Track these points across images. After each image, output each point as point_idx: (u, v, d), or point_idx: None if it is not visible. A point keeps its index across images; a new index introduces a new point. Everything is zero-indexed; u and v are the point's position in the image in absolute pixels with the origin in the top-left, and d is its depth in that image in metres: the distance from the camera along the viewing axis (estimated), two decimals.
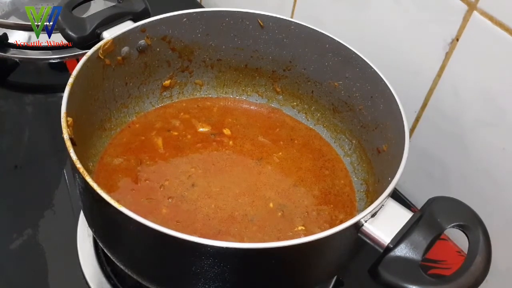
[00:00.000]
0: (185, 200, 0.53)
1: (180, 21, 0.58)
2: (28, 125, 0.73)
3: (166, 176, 0.55)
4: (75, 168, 0.41)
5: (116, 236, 0.45)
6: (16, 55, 0.78)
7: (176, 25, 0.58)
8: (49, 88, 0.79)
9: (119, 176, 0.54)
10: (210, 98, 0.66)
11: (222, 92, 0.66)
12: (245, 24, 0.60)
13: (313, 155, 0.60)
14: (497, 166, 0.56)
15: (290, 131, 0.63)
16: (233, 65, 0.64)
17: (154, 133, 0.60)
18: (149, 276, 0.46)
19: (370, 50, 0.56)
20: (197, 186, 0.54)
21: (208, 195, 0.53)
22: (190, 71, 0.63)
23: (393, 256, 0.40)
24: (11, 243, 0.58)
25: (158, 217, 0.51)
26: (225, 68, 0.64)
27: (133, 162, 0.56)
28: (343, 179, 0.58)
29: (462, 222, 0.42)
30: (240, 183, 0.55)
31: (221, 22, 0.59)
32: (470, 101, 0.56)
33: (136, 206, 0.51)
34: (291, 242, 0.38)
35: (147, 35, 0.57)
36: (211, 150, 0.59)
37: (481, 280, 0.39)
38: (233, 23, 0.59)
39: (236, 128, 0.62)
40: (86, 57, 0.51)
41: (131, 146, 0.58)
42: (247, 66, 0.64)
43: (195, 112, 0.63)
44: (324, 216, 0.54)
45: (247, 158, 0.59)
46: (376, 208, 0.42)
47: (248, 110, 0.65)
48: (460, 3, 0.53)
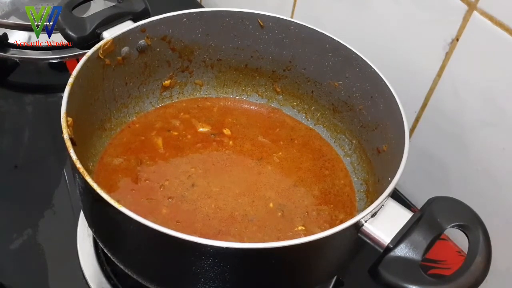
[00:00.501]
0: (185, 200, 0.53)
1: (180, 21, 0.58)
2: (28, 125, 0.73)
3: (166, 176, 0.55)
4: (75, 168, 0.41)
5: (116, 236, 0.45)
6: (16, 55, 0.78)
7: (176, 25, 0.58)
8: (49, 88, 0.79)
9: (119, 176, 0.54)
10: (210, 98, 0.66)
11: (222, 92, 0.66)
12: (245, 24, 0.60)
13: (313, 155, 0.60)
14: (497, 166, 0.56)
15: (290, 131, 0.63)
16: (233, 65, 0.64)
17: (154, 133, 0.60)
18: (149, 276, 0.46)
19: (370, 50, 0.56)
20: (197, 186, 0.54)
21: (208, 195, 0.54)
22: (190, 71, 0.63)
23: (393, 256, 0.40)
24: (11, 243, 0.58)
25: (158, 217, 0.51)
26: (225, 68, 0.64)
27: (133, 162, 0.56)
28: (343, 179, 0.58)
29: (462, 222, 0.42)
30: (240, 183, 0.55)
31: (221, 22, 0.59)
32: (470, 101, 0.56)
33: (136, 206, 0.51)
34: (291, 242, 0.38)
35: (147, 35, 0.57)
36: (211, 150, 0.59)
37: (481, 280, 0.39)
38: (233, 23, 0.60)
39: (236, 128, 0.62)
40: (86, 57, 0.51)
41: (131, 146, 0.58)
42: (247, 66, 0.64)
43: (195, 112, 0.63)
44: (324, 216, 0.54)
45: (247, 158, 0.59)
46: (376, 208, 0.42)
47: (248, 110, 0.65)
48: (460, 3, 0.53)
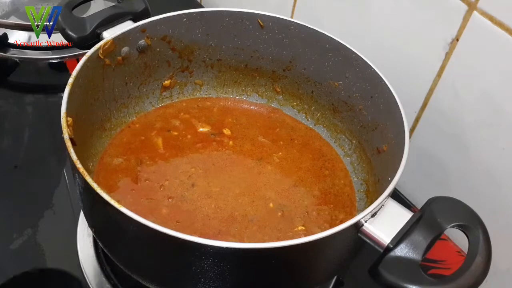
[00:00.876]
0: (185, 200, 0.53)
1: (180, 21, 0.58)
2: (28, 125, 0.73)
3: (166, 176, 0.55)
4: (75, 168, 0.41)
5: (116, 236, 0.45)
6: (16, 55, 0.79)
7: (176, 25, 0.58)
8: (49, 88, 0.79)
9: (119, 176, 0.54)
10: (210, 98, 0.66)
11: (222, 92, 0.66)
12: (245, 24, 0.60)
13: (313, 155, 0.60)
14: (497, 166, 0.56)
15: (290, 131, 0.63)
16: (233, 65, 0.64)
17: (154, 133, 0.60)
18: (149, 276, 0.46)
19: (370, 50, 0.56)
20: (197, 186, 0.54)
21: (208, 195, 0.54)
22: (190, 71, 0.63)
23: (393, 256, 0.40)
24: (11, 243, 0.58)
25: (158, 217, 0.51)
26: (225, 68, 0.64)
27: (133, 162, 0.56)
28: (343, 179, 0.58)
29: (462, 222, 0.42)
30: (240, 183, 0.55)
31: (221, 22, 0.59)
32: (470, 101, 0.56)
33: (136, 206, 0.51)
34: (291, 242, 0.37)
35: (147, 35, 0.57)
36: (211, 150, 0.59)
37: (481, 280, 0.39)
38: (233, 23, 0.59)
39: (236, 128, 0.62)
40: (86, 57, 0.51)
41: (131, 146, 0.58)
42: (247, 66, 0.64)
43: (195, 112, 0.63)
44: (324, 216, 0.54)
45: (247, 158, 0.59)
46: (376, 208, 0.41)
47: (248, 110, 0.65)
48: (460, 3, 0.53)
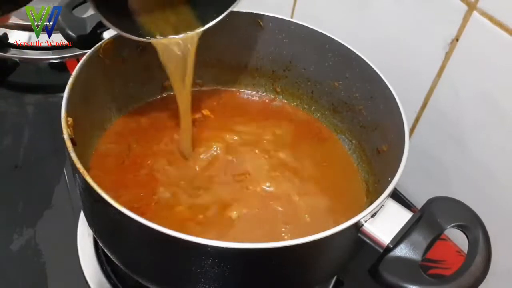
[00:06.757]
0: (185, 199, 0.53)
1: None
2: (28, 125, 0.73)
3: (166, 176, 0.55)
4: (75, 168, 0.41)
5: (116, 236, 0.45)
6: (16, 55, 0.78)
7: None
8: (49, 88, 0.79)
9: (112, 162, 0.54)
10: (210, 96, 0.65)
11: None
12: (245, 24, 0.60)
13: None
14: (497, 166, 0.56)
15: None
16: (233, 65, 0.64)
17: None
18: (149, 276, 0.46)
19: (370, 50, 0.56)
20: (196, 185, 0.54)
21: (207, 194, 0.53)
22: None
23: (393, 256, 0.40)
24: (11, 243, 0.58)
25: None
26: (225, 68, 0.64)
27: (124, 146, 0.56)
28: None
29: (462, 222, 0.42)
30: (240, 182, 0.55)
31: (221, 22, 0.59)
32: (470, 101, 0.56)
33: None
34: (291, 242, 0.37)
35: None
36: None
37: (481, 280, 0.39)
38: (233, 23, 0.59)
39: (235, 125, 0.62)
40: (86, 57, 0.51)
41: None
42: (247, 66, 0.64)
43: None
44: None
45: (247, 157, 0.58)
46: (376, 208, 0.41)
47: (247, 106, 0.65)
48: (460, 3, 0.53)
